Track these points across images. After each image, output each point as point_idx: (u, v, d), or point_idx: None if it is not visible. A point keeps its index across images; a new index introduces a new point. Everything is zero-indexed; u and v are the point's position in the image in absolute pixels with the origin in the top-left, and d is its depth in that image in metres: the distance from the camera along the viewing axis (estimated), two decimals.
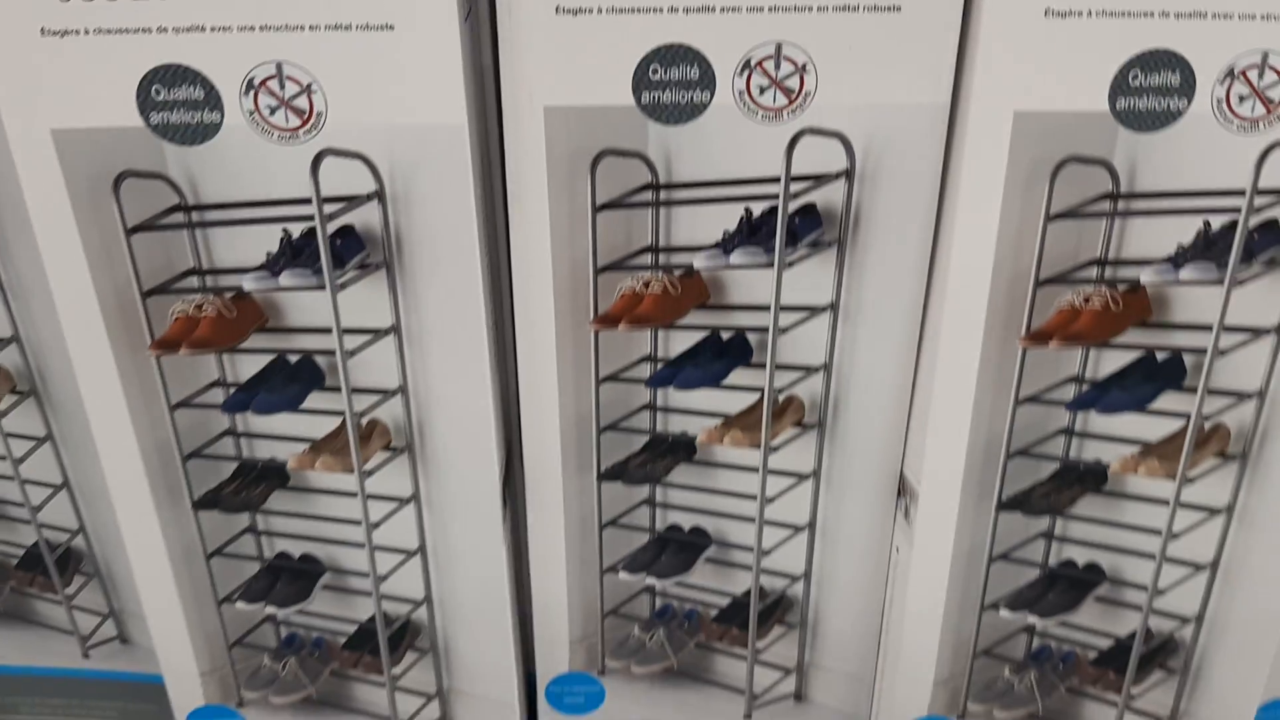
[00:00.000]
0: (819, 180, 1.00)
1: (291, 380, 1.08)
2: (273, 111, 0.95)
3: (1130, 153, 0.97)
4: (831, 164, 1.00)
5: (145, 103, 0.95)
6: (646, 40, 0.95)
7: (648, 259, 1.06)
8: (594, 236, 1.03)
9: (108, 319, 1.04)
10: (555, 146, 0.99)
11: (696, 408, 1.14)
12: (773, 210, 1.01)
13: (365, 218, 1.01)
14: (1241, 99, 0.94)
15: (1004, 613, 1.18)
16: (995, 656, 1.23)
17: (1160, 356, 1.05)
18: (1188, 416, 1.05)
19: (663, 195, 1.02)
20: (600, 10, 0.93)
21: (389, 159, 0.97)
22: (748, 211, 1.02)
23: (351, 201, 0.99)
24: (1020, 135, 0.95)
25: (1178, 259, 0.99)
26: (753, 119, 0.98)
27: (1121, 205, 0.99)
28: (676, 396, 1.14)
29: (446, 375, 1.08)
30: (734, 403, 1.13)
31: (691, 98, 0.97)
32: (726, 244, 1.03)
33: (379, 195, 0.99)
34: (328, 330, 1.04)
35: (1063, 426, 1.11)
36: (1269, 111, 0.94)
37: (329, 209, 0.99)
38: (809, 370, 1.10)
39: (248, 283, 1.02)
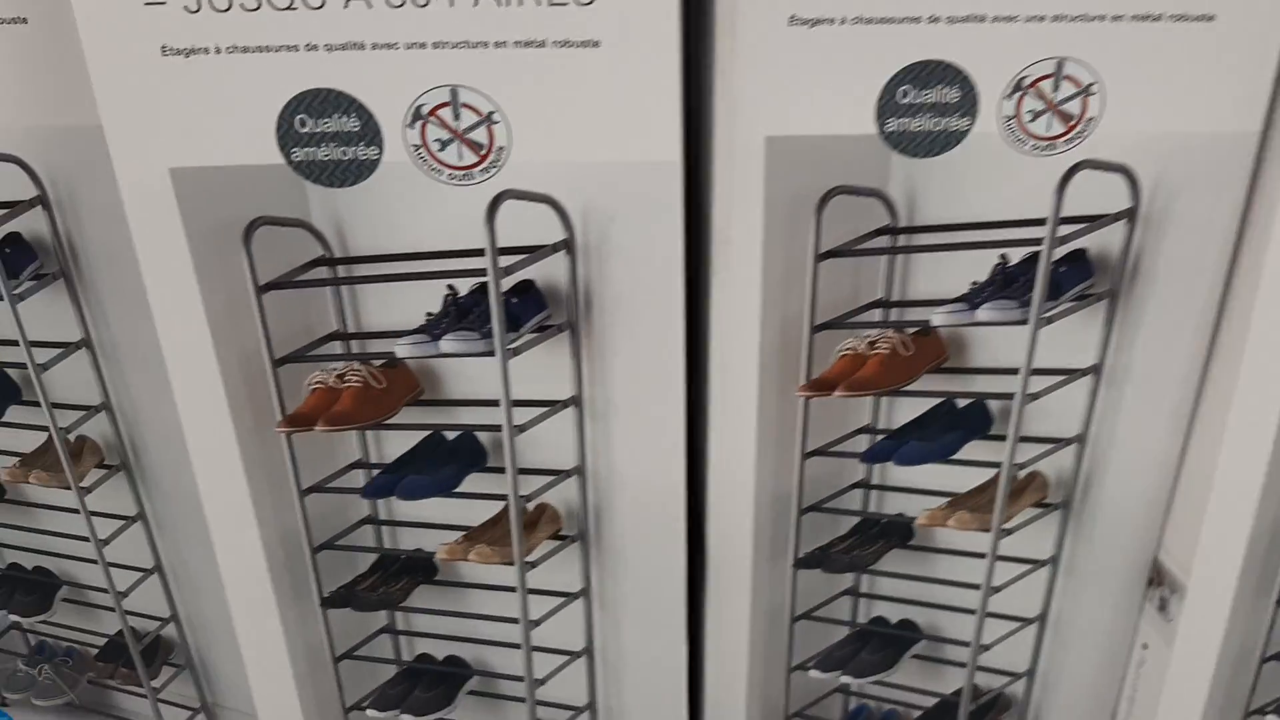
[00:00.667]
0: (1094, 222, 0.83)
1: (447, 460, 0.91)
2: (443, 146, 0.78)
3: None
4: (1108, 203, 0.82)
5: (287, 136, 0.78)
6: (898, 56, 0.77)
7: (875, 315, 0.88)
8: (813, 289, 0.86)
9: (230, 390, 0.87)
10: (776, 184, 0.81)
11: (918, 485, 0.96)
12: (1033, 257, 0.83)
13: (548, 272, 0.83)
14: None
15: (1273, 719, 1.01)
16: None
17: None
18: None
19: (902, 240, 0.85)
20: (844, 20, 0.76)
21: (581, 202, 0.80)
22: (1003, 259, 0.84)
23: (534, 253, 0.82)
24: None
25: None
26: (1019, 150, 0.80)
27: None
28: (896, 472, 0.96)
29: (632, 453, 0.90)
30: (963, 479, 0.95)
31: (947, 125, 0.80)
32: (974, 296, 0.85)
33: (567, 245, 0.81)
34: (494, 403, 0.87)
35: None
36: None
37: (505, 262, 0.81)
38: (1059, 443, 0.92)
39: (402, 348, 0.84)
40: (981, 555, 0.98)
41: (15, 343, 0.94)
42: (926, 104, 0.79)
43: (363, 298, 0.86)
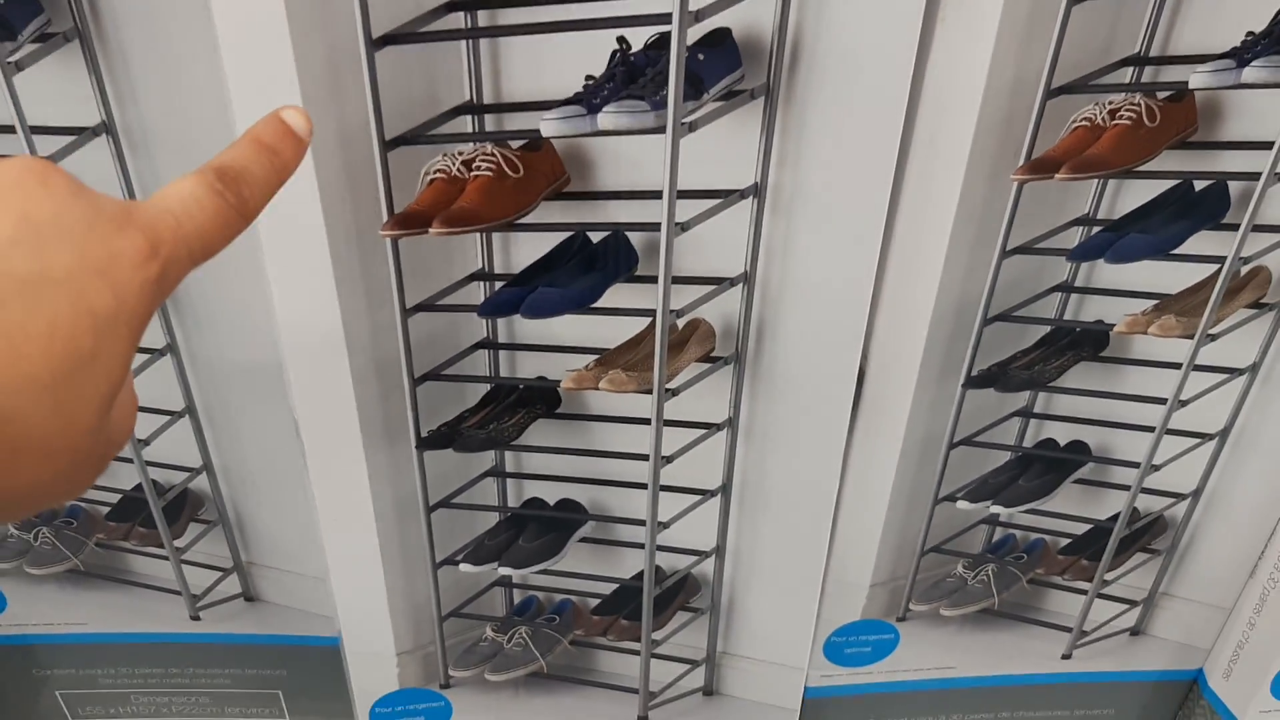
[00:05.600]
0: None
1: (588, 268, 0.74)
2: None
3: None
4: None
5: None
6: None
7: (1126, 75, 0.73)
8: (1060, 37, 0.69)
9: (325, 180, 0.69)
10: None
11: (1124, 287, 0.83)
12: None
13: (750, 19, 0.65)
14: None
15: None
16: None
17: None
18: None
19: None
20: None
21: None
22: None
23: None
24: None
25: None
26: None
27: None
28: (1102, 272, 0.82)
29: (818, 253, 0.75)
30: (1177, 279, 0.82)
31: None
32: (1245, 51, 0.70)
33: None
34: (655, 194, 0.69)
35: None
36: None
37: (693, 3, 0.63)
38: None
39: (550, 124, 0.66)
40: (1177, 365, 0.85)
41: (11, 129, 0.72)
42: None
43: (506, 57, 0.66)
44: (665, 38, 0.63)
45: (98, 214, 0.34)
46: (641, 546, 0.88)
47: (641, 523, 0.87)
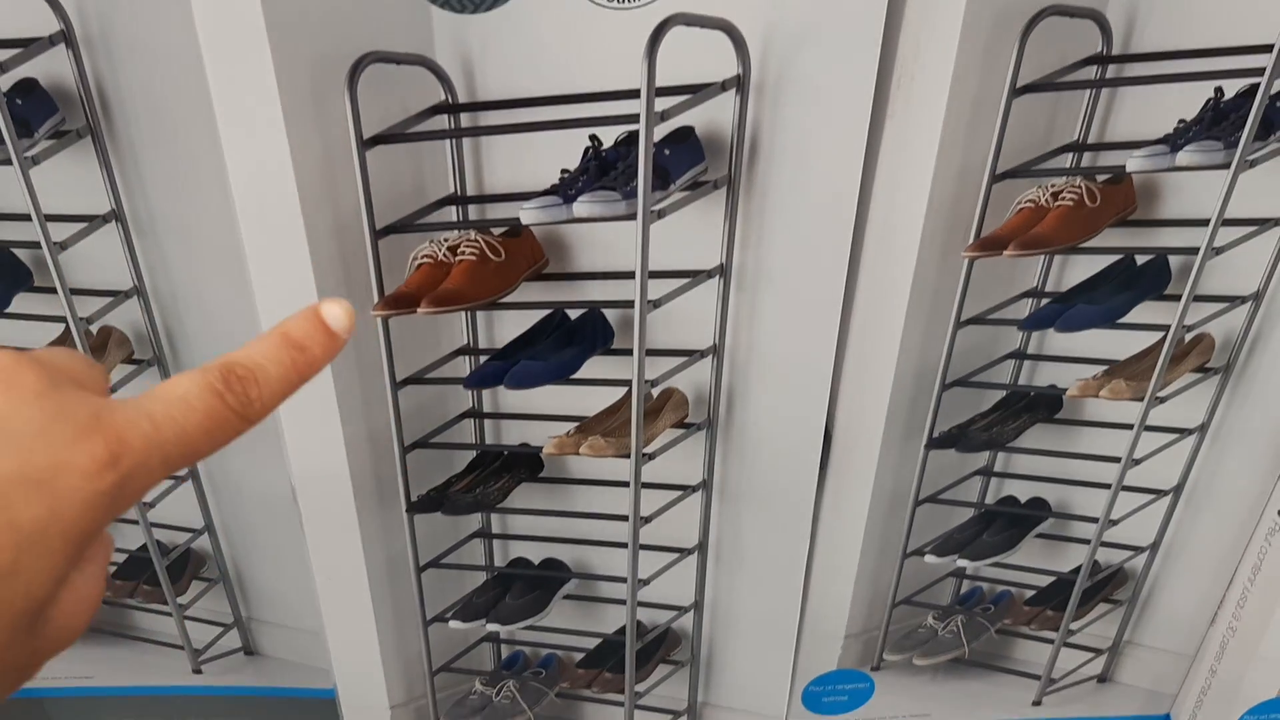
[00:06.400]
0: None
1: (566, 343, 0.78)
2: None
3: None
4: None
5: None
6: None
7: (1066, 160, 0.78)
8: (1002, 129, 0.74)
9: (320, 268, 0.73)
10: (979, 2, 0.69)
11: (1074, 354, 0.87)
12: (1251, 91, 0.74)
13: (711, 118, 0.71)
14: None
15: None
16: None
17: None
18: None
19: (1112, 71, 0.74)
20: None
21: (763, 29, 0.67)
22: (1218, 93, 0.74)
23: (697, 93, 0.68)
24: None
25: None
26: None
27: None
28: (1053, 340, 0.87)
29: (780, 329, 0.80)
30: (1123, 346, 0.87)
31: None
32: (1178, 138, 0.75)
33: (739, 83, 0.68)
34: (628, 275, 0.75)
35: None
36: None
37: (662, 105, 0.68)
38: (1234, 301, 0.84)
39: (529, 213, 0.71)
40: (1129, 426, 0.90)
41: (27, 217, 0.77)
42: None
43: (488, 153, 0.71)
44: (634, 135, 0.69)
45: (60, 418, 0.32)
46: (623, 603, 0.93)
47: (622, 580, 0.91)
